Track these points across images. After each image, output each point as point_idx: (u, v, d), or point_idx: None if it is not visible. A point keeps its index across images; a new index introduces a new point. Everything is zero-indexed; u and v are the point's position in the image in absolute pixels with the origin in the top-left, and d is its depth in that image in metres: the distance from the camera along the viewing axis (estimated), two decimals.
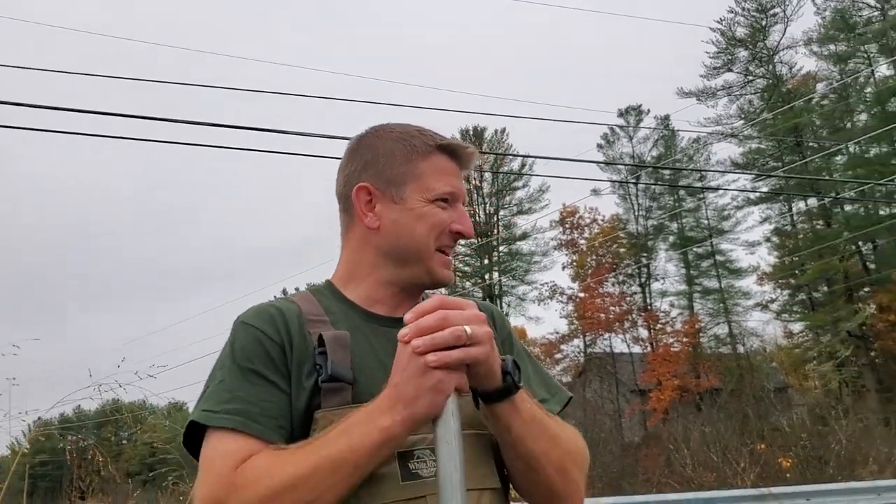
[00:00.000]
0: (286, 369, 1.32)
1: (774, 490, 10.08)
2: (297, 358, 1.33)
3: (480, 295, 46.06)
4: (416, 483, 1.28)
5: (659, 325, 40.46)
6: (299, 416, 1.30)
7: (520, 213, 46.87)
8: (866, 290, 37.56)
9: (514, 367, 1.31)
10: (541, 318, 69.33)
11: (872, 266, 38.89)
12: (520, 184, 46.42)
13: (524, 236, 46.21)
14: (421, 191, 1.44)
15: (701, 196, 41.90)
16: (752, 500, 9.87)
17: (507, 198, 47.19)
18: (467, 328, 1.19)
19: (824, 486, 10.85)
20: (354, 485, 1.22)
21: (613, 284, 42.22)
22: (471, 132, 45.44)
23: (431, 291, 1.54)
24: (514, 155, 37.97)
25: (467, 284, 46.27)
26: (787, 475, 15.01)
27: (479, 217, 46.43)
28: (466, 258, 46.96)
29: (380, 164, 1.46)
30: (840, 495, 10.33)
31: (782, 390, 35.10)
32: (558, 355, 43.30)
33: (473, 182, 46.66)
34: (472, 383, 1.26)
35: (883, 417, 23.73)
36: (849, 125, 38.53)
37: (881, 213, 37.45)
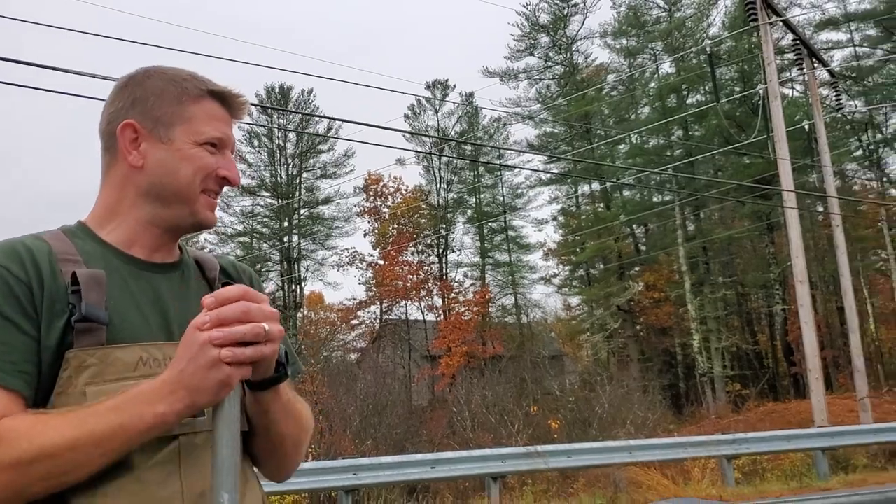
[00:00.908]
0: (33, 310, 1.24)
1: (540, 448, 10.94)
2: (48, 297, 1.26)
3: (278, 258, 45.21)
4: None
5: (453, 295, 41.81)
6: (50, 355, 1.23)
7: (323, 176, 46.29)
8: (636, 269, 41.07)
9: (285, 357, 1.34)
10: (339, 284, 69.39)
11: (643, 248, 42.58)
12: (325, 147, 45.79)
13: (327, 200, 45.73)
14: (190, 133, 1.41)
15: (498, 173, 43.59)
16: (520, 458, 10.66)
17: (311, 160, 46.41)
18: (266, 325, 1.19)
19: (584, 444, 11.91)
20: (116, 461, 1.19)
21: (413, 254, 42.95)
22: (276, 90, 44.19)
23: (193, 236, 1.52)
24: (321, 116, 37.36)
25: (265, 246, 45.22)
26: (555, 436, 16.17)
27: (282, 178, 45.38)
28: (265, 219, 45.84)
29: (149, 103, 1.42)
30: (597, 453, 11.40)
31: (557, 358, 37.60)
32: (354, 321, 43.57)
33: (277, 142, 45.47)
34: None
35: (642, 385, 26.00)
36: (632, 117, 41.54)
37: (654, 199, 40.97)
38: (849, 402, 21.80)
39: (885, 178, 37.39)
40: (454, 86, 45.43)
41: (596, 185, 41.75)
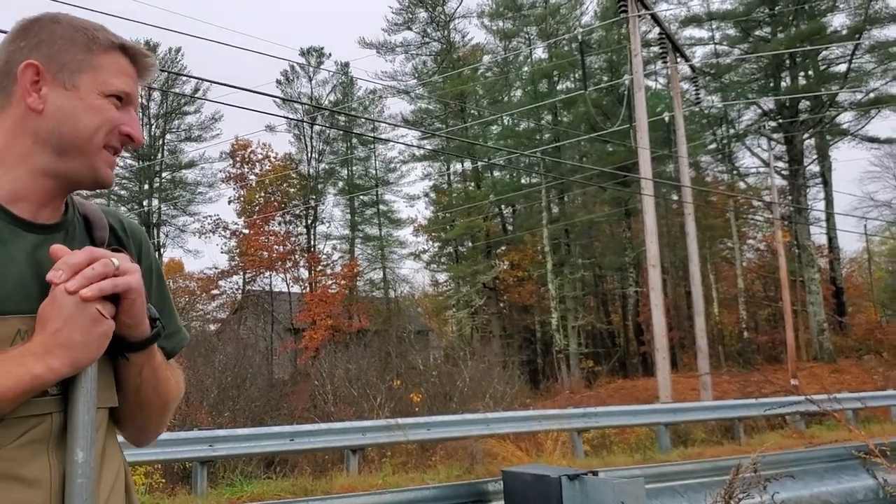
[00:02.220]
0: None
1: (400, 421, 11.03)
2: None
3: (137, 222, 43.15)
4: (43, 400, 1.20)
5: (320, 267, 41.39)
6: None
7: (188, 139, 44.55)
8: (503, 248, 42.09)
9: (157, 315, 1.31)
10: (200, 252, 67.17)
11: (510, 228, 43.66)
12: (191, 109, 44.04)
13: (191, 164, 44.08)
14: (97, 83, 1.33)
15: (372, 146, 43.36)
16: (380, 430, 10.71)
17: (176, 122, 44.53)
18: (114, 260, 1.18)
19: (444, 417, 12.11)
20: None
21: (280, 224, 42.15)
22: (141, 46, 41.87)
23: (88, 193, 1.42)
24: (188, 76, 35.76)
25: (122, 210, 43.00)
26: (417, 409, 16.39)
27: (144, 139, 43.20)
28: (124, 181, 43.59)
29: (55, 47, 1.32)
30: (456, 426, 11.62)
31: (423, 333, 38.06)
32: (215, 291, 42.35)
33: (140, 101, 43.22)
34: (121, 332, 1.24)
35: (502, 360, 26.78)
36: (506, 99, 42.32)
37: (523, 181, 42.03)
38: (692, 380, 23.30)
39: (735, 172, 39.98)
40: (329, 54, 44.86)
41: (468, 164, 42.34)
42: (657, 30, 22.79)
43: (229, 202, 42.39)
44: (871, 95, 34.26)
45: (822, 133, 35.83)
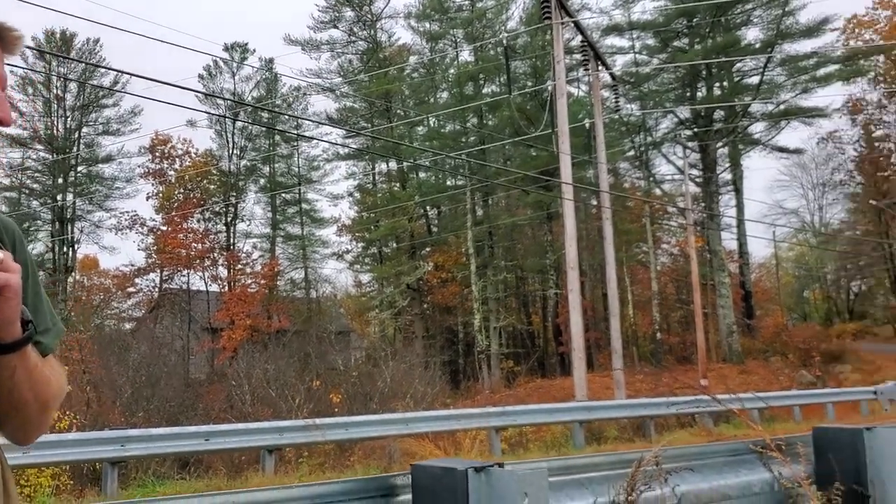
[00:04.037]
0: None
1: (318, 421, 10.97)
2: None
3: (50, 217, 41.63)
4: None
5: (239, 266, 40.70)
6: None
7: (106, 133, 43.14)
8: (427, 249, 42.23)
9: (30, 318, 1.27)
10: (116, 249, 65.05)
11: (435, 229, 43.84)
12: (109, 101, 42.67)
13: (108, 159, 42.73)
14: None
15: (295, 144, 42.88)
16: (297, 430, 10.64)
17: (94, 114, 43.08)
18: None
19: (362, 417, 12.11)
20: None
21: (199, 221, 41.27)
22: (57, 35, 40.38)
23: None
24: (107, 68, 34.50)
25: (34, 204, 41.36)
26: (336, 410, 16.30)
27: (58, 131, 41.68)
28: (37, 175, 41.92)
29: None
30: (375, 425, 11.63)
31: (345, 334, 37.86)
32: (131, 289, 41.17)
33: (55, 91, 41.68)
34: None
35: (425, 361, 26.89)
36: (431, 100, 42.48)
37: (448, 183, 42.26)
38: (607, 379, 23.88)
39: (651, 178, 41.17)
40: (254, 50, 44.08)
41: (393, 165, 42.33)
42: (580, 37, 23.29)
43: (147, 198, 41.23)
44: (782, 107, 35.84)
45: (735, 142, 37.29)
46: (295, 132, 41.24)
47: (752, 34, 36.54)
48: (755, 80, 35.82)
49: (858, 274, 50.86)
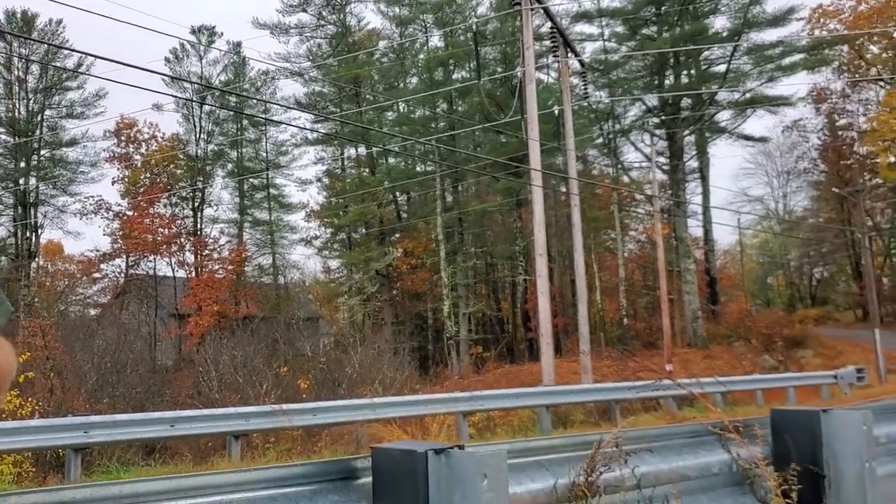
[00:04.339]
0: None
1: (285, 407, 10.95)
2: None
3: (12, 201, 40.86)
4: None
5: (206, 252, 40.34)
6: None
7: (70, 116, 42.38)
8: (396, 235, 42.17)
9: None
10: (81, 234, 64.07)
11: (404, 215, 43.77)
12: (73, 84, 41.85)
13: (72, 142, 42.02)
14: None
15: (263, 128, 42.49)
16: (264, 416, 10.60)
17: (57, 97, 42.26)
18: None
19: (330, 403, 12.10)
20: None
21: (166, 206, 40.84)
22: (18, 16, 39.49)
23: None
24: (71, 49, 34.00)
25: None
26: (304, 395, 16.29)
27: (20, 114, 40.85)
28: None
29: None
30: (342, 411, 11.63)
31: (313, 320, 37.76)
32: (97, 274, 40.65)
33: (17, 74, 40.80)
34: None
35: (394, 347, 26.90)
36: (401, 85, 42.28)
37: (418, 168, 42.17)
38: (574, 364, 24.11)
39: (619, 166, 41.46)
40: (221, 33, 43.57)
41: (362, 150, 42.11)
42: (549, 24, 23.29)
43: (113, 183, 40.73)
44: (748, 95, 36.26)
45: (702, 130, 37.67)
46: (263, 116, 40.90)
47: (719, 23, 36.92)
48: (722, 68, 36.20)
49: (821, 261, 51.85)
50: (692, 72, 37.38)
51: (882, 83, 39.73)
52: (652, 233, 34.19)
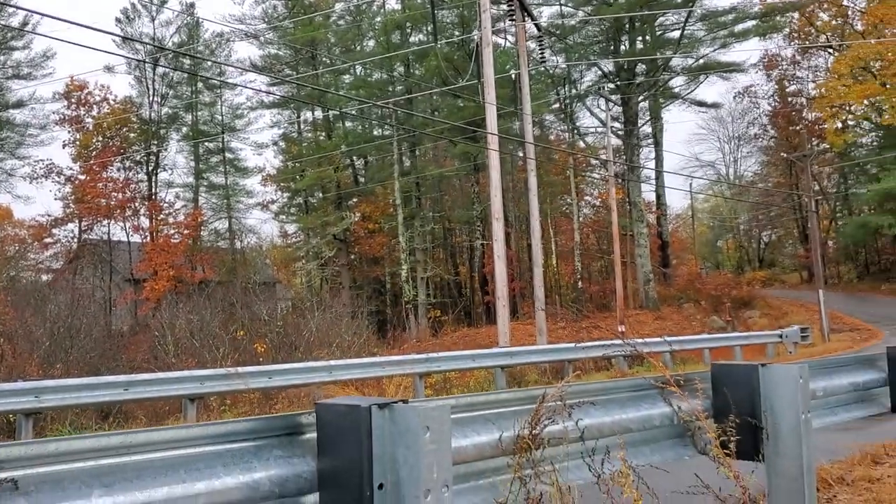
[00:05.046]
0: None
1: (241, 370, 11.01)
2: None
3: None
4: None
5: (162, 216, 39.75)
6: None
7: (16, 76, 41.01)
8: (354, 200, 41.99)
9: None
10: (31, 198, 62.54)
11: (362, 179, 43.54)
12: (19, 43, 40.46)
13: (19, 104, 40.77)
14: None
15: (218, 91, 41.74)
16: (219, 379, 10.64)
17: (2, 57, 40.86)
18: None
19: (285, 365, 12.18)
20: None
21: (119, 170, 40.04)
22: None
23: None
24: (15, 7, 32.59)
25: None
26: (261, 359, 16.33)
27: None
28: None
29: None
30: (298, 373, 11.72)
31: (270, 284, 37.57)
32: (49, 239, 39.81)
33: None
34: None
35: (352, 311, 26.95)
36: (358, 48, 41.76)
37: (375, 132, 41.89)
38: (530, 327, 24.50)
39: (575, 131, 41.71)
40: None
41: (318, 113, 41.67)
42: None
43: (64, 146, 39.67)
44: (701, 61, 36.63)
45: (656, 96, 38.01)
46: (218, 79, 40.12)
47: None
48: (676, 34, 36.47)
49: (769, 224, 53.07)
50: (647, 38, 37.58)
51: (830, 50, 40.45)
52: (607, 197, 34.59)
